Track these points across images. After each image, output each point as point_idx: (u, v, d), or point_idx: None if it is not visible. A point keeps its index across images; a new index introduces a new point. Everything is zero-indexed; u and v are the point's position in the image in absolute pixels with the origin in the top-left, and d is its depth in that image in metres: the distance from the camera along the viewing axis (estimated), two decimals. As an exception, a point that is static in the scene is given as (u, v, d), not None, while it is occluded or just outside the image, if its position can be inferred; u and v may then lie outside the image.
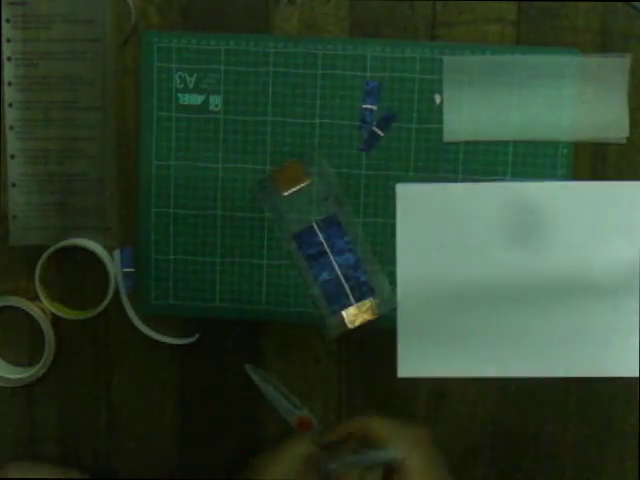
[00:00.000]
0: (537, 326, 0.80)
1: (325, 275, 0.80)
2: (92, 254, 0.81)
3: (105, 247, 0.82)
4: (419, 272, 0.81)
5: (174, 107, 0.80)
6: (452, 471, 0.83)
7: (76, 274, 0.83)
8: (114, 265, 0.81)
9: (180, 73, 0.80)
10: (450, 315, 0.81)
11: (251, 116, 0.80)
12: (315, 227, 0.79)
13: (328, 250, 0.79)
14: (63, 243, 0.81)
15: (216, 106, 0.80)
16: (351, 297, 0.80)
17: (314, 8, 0.79)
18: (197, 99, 0.80)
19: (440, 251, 0.81)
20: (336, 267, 0.80)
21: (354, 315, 0.80)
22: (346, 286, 0.80)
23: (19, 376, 0.82)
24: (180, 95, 0.80)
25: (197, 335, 0.82)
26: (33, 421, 0.85)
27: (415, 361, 0.81)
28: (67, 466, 0.82)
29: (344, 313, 0.80)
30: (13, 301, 0.81)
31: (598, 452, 0.78)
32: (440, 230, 0.81)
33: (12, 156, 0.81)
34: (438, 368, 0.81)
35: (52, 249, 0.81)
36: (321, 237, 0.78)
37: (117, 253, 0.82)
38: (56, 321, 0.82)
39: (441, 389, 0.82)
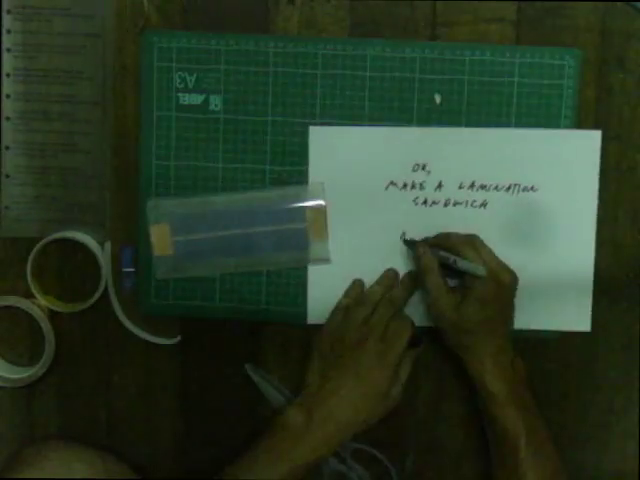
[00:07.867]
0: None
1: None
2: (86, 248, 0.80)
3: (98, 243, 0.82)
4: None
5: (174, 107, 0.80)
6: (452, 471, 0.84)
7: (68, 267, 0.83)
8: (105, 256, 0.81)
9: (180, 73, 0.80)
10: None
11: (251, 116, 0.80)
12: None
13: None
14: (53, 236, 0.81)
15: (216, 106, 0.80)
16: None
17: (314, 8, 0.79)
18: (197, 99, 0.80)
19: (349, 191, 0.80)
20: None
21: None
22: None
23: (19, 376, 0.82)
24: (180, 95, 0.80)
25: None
26: (33, 421, 0.85)
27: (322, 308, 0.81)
28: (102, 449, 0.80)
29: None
30: (13, 301, 0.81)
31: (598, 452, 0.78)
32: (349, 174, 0.80)
33: (7, 147, 0.81)
34: None
35: (43, 242, 0.80)
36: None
37: (108, 245, 0.81)
38: (56, 321, 0.82)
39: (441, 389, 0.82)
